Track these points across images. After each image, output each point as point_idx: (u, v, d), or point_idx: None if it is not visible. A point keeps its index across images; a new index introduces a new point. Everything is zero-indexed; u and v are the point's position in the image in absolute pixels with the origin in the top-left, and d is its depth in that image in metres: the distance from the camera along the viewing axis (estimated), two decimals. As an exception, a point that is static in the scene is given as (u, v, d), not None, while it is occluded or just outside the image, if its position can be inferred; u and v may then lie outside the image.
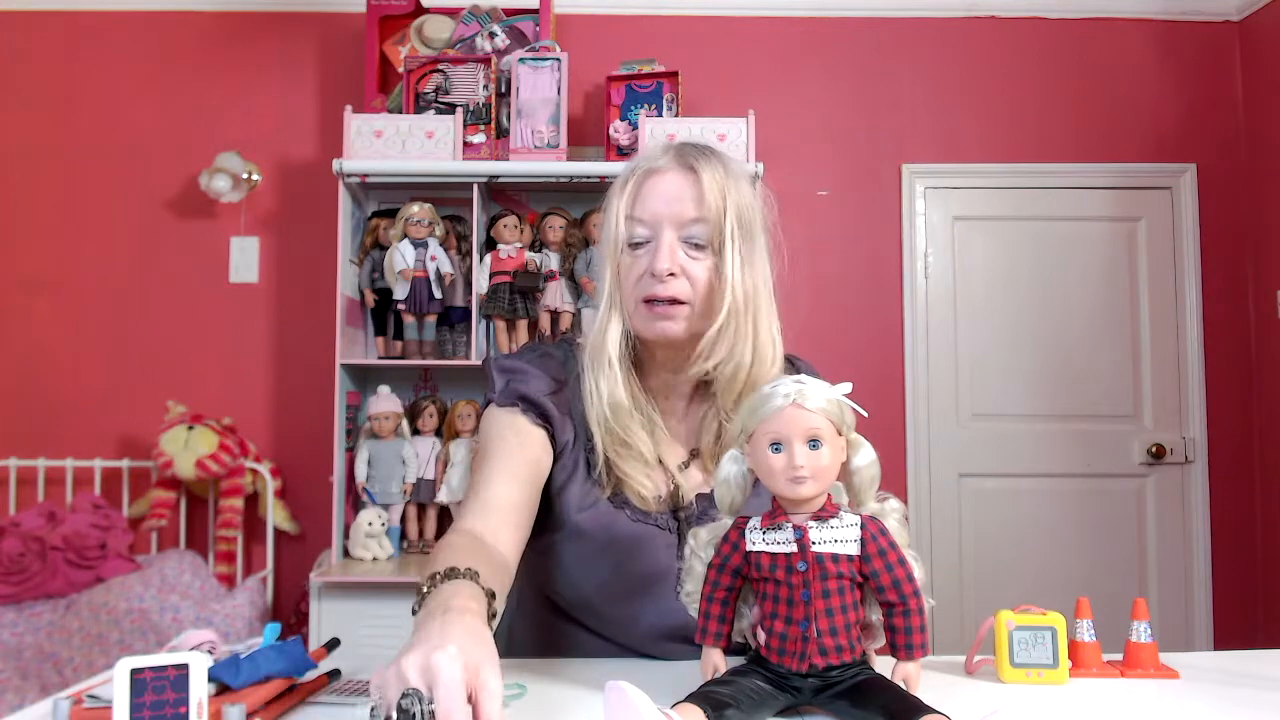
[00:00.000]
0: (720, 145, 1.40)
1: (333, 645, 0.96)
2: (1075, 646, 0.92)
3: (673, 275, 0.99)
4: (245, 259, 2.97)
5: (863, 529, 0.77)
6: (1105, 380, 3.01)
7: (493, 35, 2.82)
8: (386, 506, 2.68)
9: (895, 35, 3.07)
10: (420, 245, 2.63)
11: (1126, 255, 3.05)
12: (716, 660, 0.82)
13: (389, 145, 2.62)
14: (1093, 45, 3.07)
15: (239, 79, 3.01)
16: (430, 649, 0.62)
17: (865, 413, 0.82)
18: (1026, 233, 3.05)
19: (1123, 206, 3.05)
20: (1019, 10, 3.07)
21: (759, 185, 1.13)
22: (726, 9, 3.04)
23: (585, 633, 1.07)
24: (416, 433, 2.75)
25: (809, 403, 0.76)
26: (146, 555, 2.73)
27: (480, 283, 2.69)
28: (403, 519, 2.72)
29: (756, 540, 0.78)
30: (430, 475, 2.71)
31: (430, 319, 2.67)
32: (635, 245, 1.02)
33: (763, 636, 0.79)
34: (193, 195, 2.94)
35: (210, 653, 0.80)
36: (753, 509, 0.82)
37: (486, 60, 2.74)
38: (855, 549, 0.76)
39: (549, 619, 1.10)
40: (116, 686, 0.65)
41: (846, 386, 0.80)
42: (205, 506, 2.89)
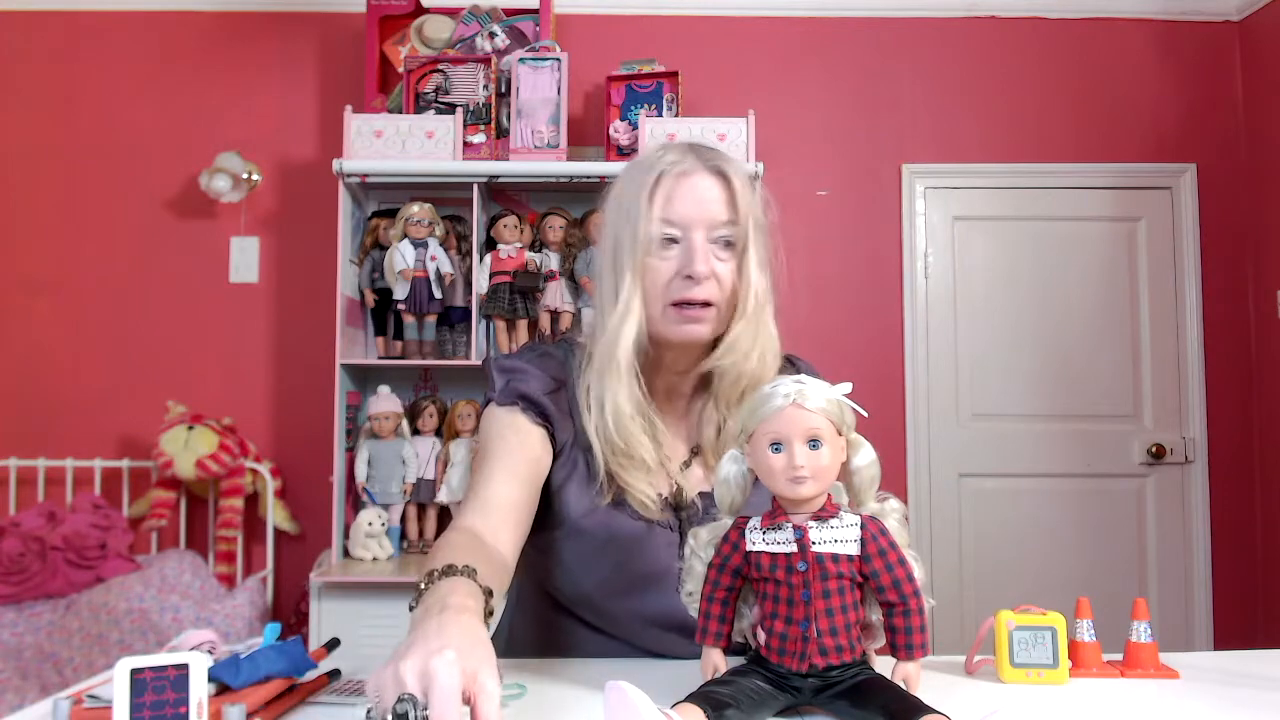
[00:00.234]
0: (720, 145, 1.40)
1: (333, 645, 0.96)
2: (1075, 646, 0.92)
3: (705, 278, 1.00)
4: (245, 259, 2.97)
5: (863, 529, 0.77)
6: (1105, 380, 3.01)
7: (493, 35, 2.82)
8: (386, 506, 2.68)
9: (895, 35, 3.07)
10: (420, 245, 2.63)
11: (1126, 255, 3.05)
12: (716, 660, 0.82)
13: (389, 145, 2.62)
14: (1093, 45, 3.07)
15: (239, 79, 3.01)
16: (428, 653, 0.62)
17: (865, 413, 0.82)
18: (1026, 233, 3.05)
19: (1123, 206, 3.05)
20: (1019, 10, 3.07)
21: (759, 186, 1.13)
22: (726, 9, 3.04)
23: (585, 627, 1.08)
24: (416, 433, 2.75)
25: (809, 403, 0.76)
26: (146, 555, 2.73)
27: (480, 283, 2.69)
28: (403, 519, 2.72)
29: (756, 540, 0.78)
30: (430, 475, 2.71)
31: (430, 319, 2.67)
32: (665, 247, 1.02)
33: (763, 636, 0.79)
34: (193, 195, 2.94)
35: (210, 653, 0.80)
36: (753, 509, 0.82)
37: (486, 60, 2.74)
38: (855, 549, 0.76)
39: (549, 614, 1.10)
40: (116, 686, 0.65)
41: (846, 386, 0.80)
42: (205, 506, 2.89)
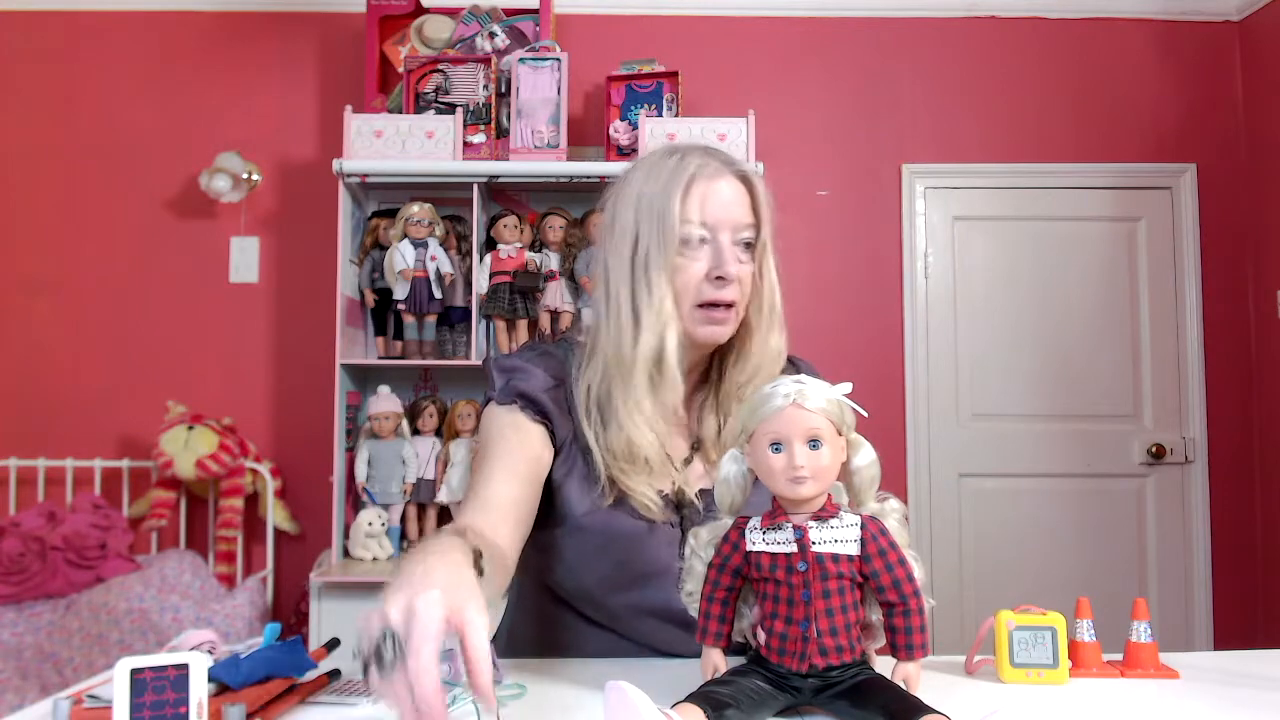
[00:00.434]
0: (720, 145, 1.41)
1: (333, 645, 0.96)
2: (1075, 646, 0.92)
3: (734, 279, 1.02)
4: (245, 259, 2.97)
5: (863, 529, 0.77)
6: (1105, 380, 3.01)
7: (493, 35, 2.82)
8: (386, 506, 2.68)
9: (895, 35, 3.07)
10: (420, 245, 2.63)
11: (1126, 255, 3.05)
12: (716, 660, 0.82)
13: (389, 145, 2.62)
14: (1093, 45, 3.07)
15: (239, 79, 3.01)
16: (413, 592, 0.62)
17: (865, 413, 0.82)
18: (1026, 233, 3.05)
19: (1123, 206, 3.05)
20: (1019, 10, 3.07)
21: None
22: (726, 9, 3.04)
23: (584, 621, 1.08)
24: (416, 433, 2.75)
25: (809, 403, 0.76)
26: (146, 555, 2.73)
27: (480, 283, 2.69)
28: (403, 519, 2.72)
29: (756, 540, 0.78)
30: (430, 475, 2.71)
31: (430, 319, 2.67)
32: (695, 248, 1.02)
33: (763, 636, 0.79)
34: (193, 195, 2.94)
35: (210, 653, 0.80)
36: (753, 509, 0.82)
37: (486, 60, 2.74)
38: (855, 549, 0.76)
39: (548, 608, 1.10)
40: (116, 686, 0.65)
41: (846, 386, 0.80)
42: (205, 506, 2.89)
